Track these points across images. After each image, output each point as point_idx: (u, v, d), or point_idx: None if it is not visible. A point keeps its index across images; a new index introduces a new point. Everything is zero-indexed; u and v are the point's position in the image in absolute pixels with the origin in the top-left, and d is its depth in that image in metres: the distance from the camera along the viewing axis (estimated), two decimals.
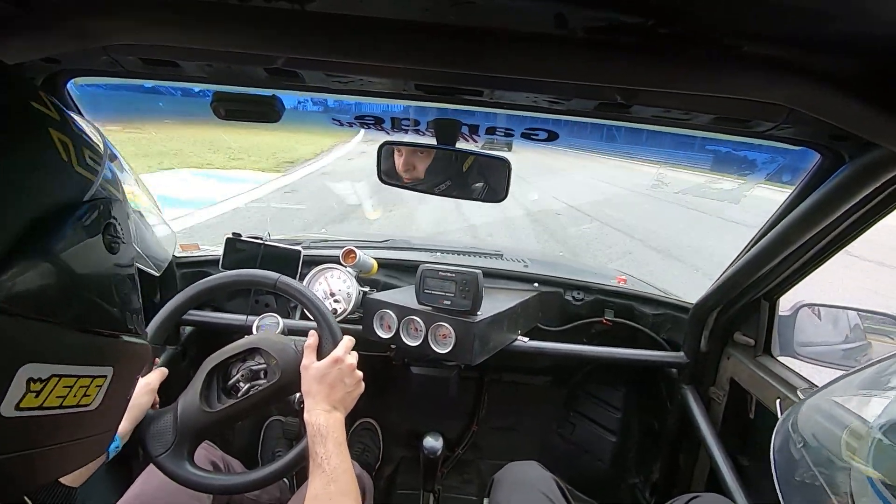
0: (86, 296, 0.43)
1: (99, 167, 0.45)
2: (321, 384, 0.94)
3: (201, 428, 0.95)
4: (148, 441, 0.93)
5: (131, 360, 0.50)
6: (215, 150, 10.54)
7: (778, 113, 0.77)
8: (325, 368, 0.95)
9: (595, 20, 0.50)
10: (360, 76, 0.79)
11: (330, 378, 0.95)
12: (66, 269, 0.40)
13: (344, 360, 0.97)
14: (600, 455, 1.78)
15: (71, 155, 0.41)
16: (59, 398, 0.40)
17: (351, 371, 0.98)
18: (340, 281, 1.53)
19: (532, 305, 1.61)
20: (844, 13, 0.44)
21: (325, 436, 0.87)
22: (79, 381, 0.42)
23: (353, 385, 0.98)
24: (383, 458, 1.89)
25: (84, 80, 0.98)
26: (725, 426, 1.40)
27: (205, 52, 0.74)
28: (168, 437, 0.93)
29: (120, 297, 0.47)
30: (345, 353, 0.99)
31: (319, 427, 0.88)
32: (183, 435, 0.93)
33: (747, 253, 1.16)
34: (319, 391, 0.93)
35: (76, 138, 0.42)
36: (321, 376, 0.95)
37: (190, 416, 0.94)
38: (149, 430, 0.94)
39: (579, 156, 13.99)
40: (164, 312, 1.05)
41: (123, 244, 0.47)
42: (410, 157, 1.13)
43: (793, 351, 1.24)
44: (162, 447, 0.92)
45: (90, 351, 0.44)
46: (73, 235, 0.41)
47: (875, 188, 0.81)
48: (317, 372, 0.95)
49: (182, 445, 0.93)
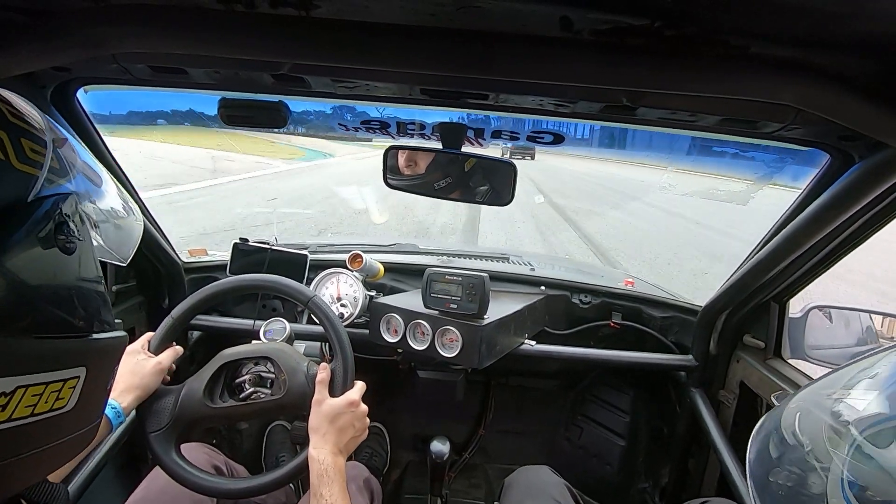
0: (42, 303, 0.40)
1: (42, 158, 0.41)
2: (332, 424, 0.91)
3: (197, 418, 0.96)
4: (146, 415, 0.95)
5: (104, 355, 0.48)
6: None
7: (786, 114, 0.76)
8: (340, 409, 0.93)
9: (601, 23, 0.50)
10: (366, 81, 0.79)
11: (342, 421, 0.92)
12: (15, 279, 0.37)
13: (359, 405, 0.95)
14: (609, 459, 1.76)
15: (8, 151, 0.38)
16: (28, 407, 0.39)
17: (362, 416, 0.96)
18: (347, 285, 1.53)
19: (539, 309, 1.60)
20: (856, 13, 0.44)
21: (332, 479, 0.86)
22: (49, 388, 0.41)
23: (361, 430, 0.96)
24: (391, 463, 1.89)
25: (94, 88, 0.99)
26: (736, 430, 1.39)
27: (212, 58, 0.74)
28: (164, 417, 0.95)
29: (81, 297, 0.45)
30: (359, 396, 0.96)
31: (327, 468, 0.86)
32: (178, 420, 0.95)
33: (756, 255, 1.15)
34: (330, 431, 0.91)
35: (12, 130, 0.39)
36: (334, 416, 0.92)
37: (190, 404, 0.96)
38: (150, 406, 0.95)
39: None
40: (196, 296, 1.06)
41: (80, 241, 0.44)
42: (413, 154, 1.14)
43: (803, 354, 1.22)
44: (156, 425, 0.94)
45: (56, 356, 0.42)
46: (19, 241, 0.38)
47: (886, 189, 0.80)
48: (331, 410, 0.92)
49: (174, 430, 0.94)
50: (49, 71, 0.87)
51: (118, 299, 1.41)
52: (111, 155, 1.15)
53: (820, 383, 0.59)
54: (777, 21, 0.48)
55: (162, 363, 0.97)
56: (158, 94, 0.95)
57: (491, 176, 1.10)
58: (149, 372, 0.95)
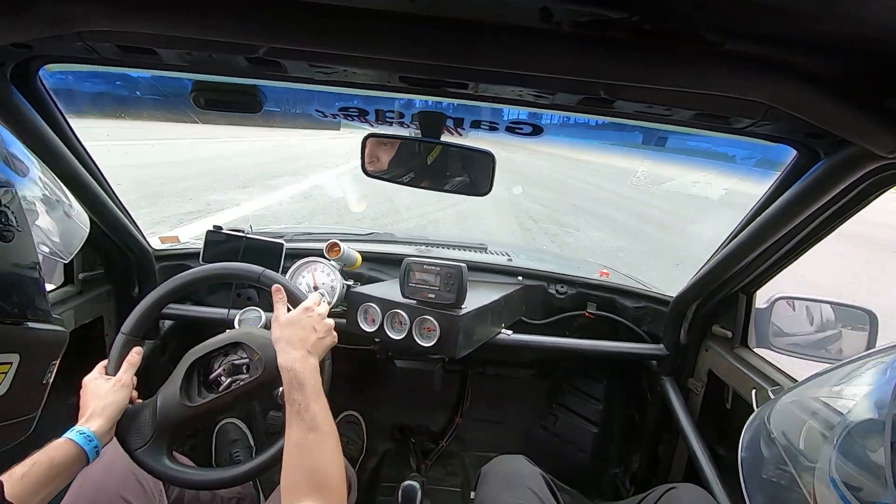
0: None
1: None
2: (293, 328, 0.93)
3: (181, 421, 0.94)
4: (126, 435, 0.92)
5: (39, 346, 0.49)
6: None
7: (757, 110, 0.78)
8: (297, 315, 0.95)
9: (580, 15, 0.51)
10: (344, 67, 0.78)
11: (302, 323, 0.94)
12: None
13: (314, 309, 0.97)
14: (582, 446, 1.81)
15: None
16: None
17: (321, 319, 0.97)
18: (324, 274, 1.51)
19: (516, 299, 1.62)
20: (826, 13, 0.45)
21: (302, 382, 0.85)
22: None
23: (325, 332, 0.97)
24: (367, 451, 1.89)
25: (57, 67, 0.94)
26: (703, 417, 1.44)
27: (184, 39, 0.72)
28: (146, 430, 0.92)
29: (17, 284, 0.46)
30: (314, 303, 0.99)
31: (296, 373, 0.86)
32: (162, 429, 0.92)
33: (726, 247, 1.19)
34: (293, 334, 0.92)
35: None
36: (292, 322, 0.94)
37: (170, 410, 0.93)
38: (128, 425, 0.92)
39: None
40: (142, 307, 1.03)
41: (19, 232, 0.45)
42: (374, 149, 1.13)
43: (768, 343, 1.27)
44: (140, 441, 0.91)
45: None
46: None
47: (849, 184, 0.83)
48: (288, 319, 0.95)
49: (161, 439, 0.92)
50: (8, 47, 0.82)
51: (85, 287, 1.36)
52: (76, 137, 1.10)
53: (810, 383, 0.61)
54: (752, 19, 0.49)
55: (122, 379, 0.93)
56: None
57: (468, 165, 1.10)
58: (110, 390, 0.91)
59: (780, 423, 0.59)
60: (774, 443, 0.57)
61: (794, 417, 0.57)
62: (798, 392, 0.62)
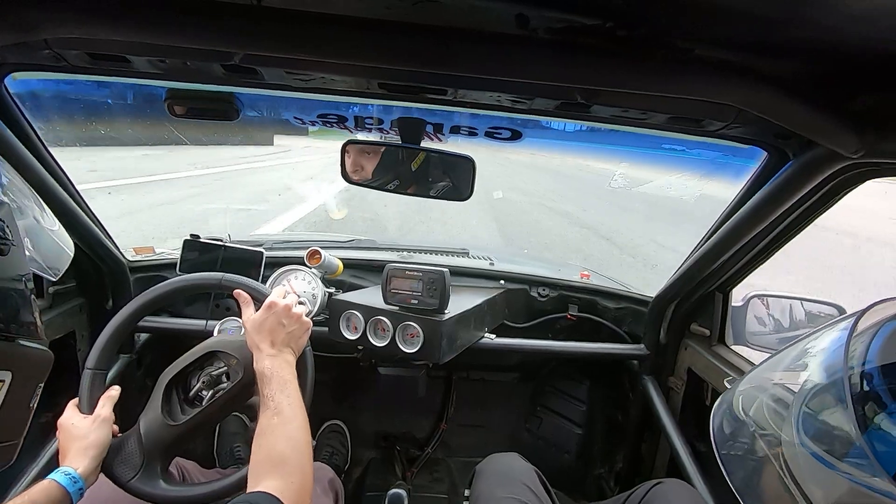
0: None
1: None
2: (260, 332, 0.93)
3: (169, 443, 0.92)
4: (115, 469, 0.89)
5: (30, 365, 0.48)
6: None
7: (728, 113, 0.81)
8: (261, 317, 0.94)
9: (556, 21, 0.51)
10: (322, 74, 0.78)
11: (268, 324, 0.93)
12: None
13: (277, 304, 0.96)
14: (567, 448, 1.82)
15: None
16: None
17: (287, 312, 0.96)
18: (305, 282, 1.50)
19: (498, 302, 1.62)
20: (788, 19, 0.47)
21: (269, 377, 0.86)
22: None
23: (295, 323, 0.96)
24: (352, 460, 1.87)
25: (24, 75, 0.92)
26: (684, 414, 1.46)
27: (157, 47, 0.70)
28: (135, 459, 0.89)
29: (11, 298, 0.45)
30: (277, 298, 0.97)
31: (263, 372, 0.88)
32: (151, 454, 0.90)
33: (702, 247, 1.21)
34: (261, 339, 0.92)
35: None
36: (258, 325, 0.93)
37: (155, 434, 0.91)
38: (114, 458, 0.89)
39: None
40: (102, 338, 0.99)
41: (14, 246, 0.45)
42: (358, 158, 1.13)
43: (745, 340, 1.30)
44: (131, 471, 0.89)
45: None
46: None
47: (816, 184, 0.86)
48: (252, 323, 0.94)
49: (152, 464, 0.90)
50: None
51: (56, 301, 1.32)
52: (45, 147, 1.07)
53: (767, 364, 0.64)
54: (720, 25, 0.50)
55: (101, 414, 0.91)
56: None
57: (450, 171, 1.11)
58: (90, 428, 0.88)
59: (745, 401, 0.61)
60: (742, 420, 0.60)
61: (757, 392, 0.60)
62: (759, 371, 0.65)
